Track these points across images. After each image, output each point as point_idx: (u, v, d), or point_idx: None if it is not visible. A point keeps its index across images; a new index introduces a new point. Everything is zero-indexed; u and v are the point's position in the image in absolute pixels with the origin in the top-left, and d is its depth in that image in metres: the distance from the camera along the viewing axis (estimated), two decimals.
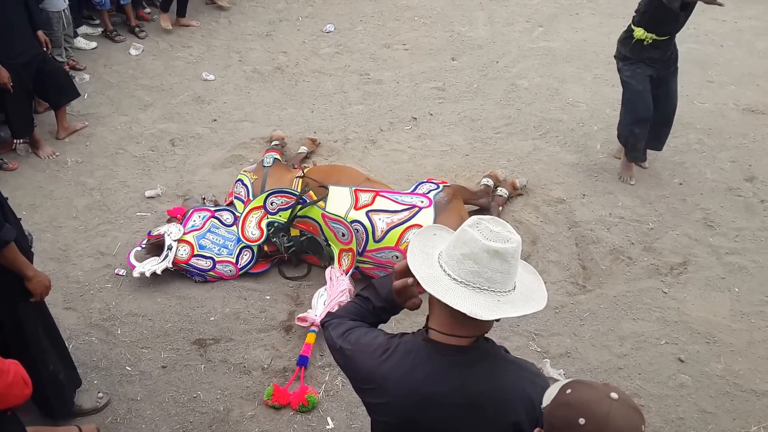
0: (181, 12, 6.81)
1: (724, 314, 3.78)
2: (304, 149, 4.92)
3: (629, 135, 4.51)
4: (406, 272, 1.69)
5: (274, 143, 4.90)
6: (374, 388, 1.69)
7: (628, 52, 4.37)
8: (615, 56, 4.53)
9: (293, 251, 3.97)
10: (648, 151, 4.71)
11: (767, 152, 5.00)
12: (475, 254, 1.53)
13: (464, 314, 1.51)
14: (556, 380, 3.33)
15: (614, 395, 1.37)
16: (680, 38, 6.31)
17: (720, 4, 4.08)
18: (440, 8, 7.24)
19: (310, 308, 3.66)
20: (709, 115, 5.40)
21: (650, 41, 4.27)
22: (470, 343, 1.62)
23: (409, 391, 1.64)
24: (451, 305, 1.52)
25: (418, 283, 1.63)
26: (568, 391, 1.40)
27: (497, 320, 1.58)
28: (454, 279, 1.55)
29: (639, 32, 4.27)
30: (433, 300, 1.61)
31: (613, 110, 5.40)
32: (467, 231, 1.55)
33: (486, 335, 1.68)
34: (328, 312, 2.12)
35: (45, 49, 4.87)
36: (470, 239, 1.54)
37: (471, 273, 1.53)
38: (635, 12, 4.36)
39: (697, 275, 4.01)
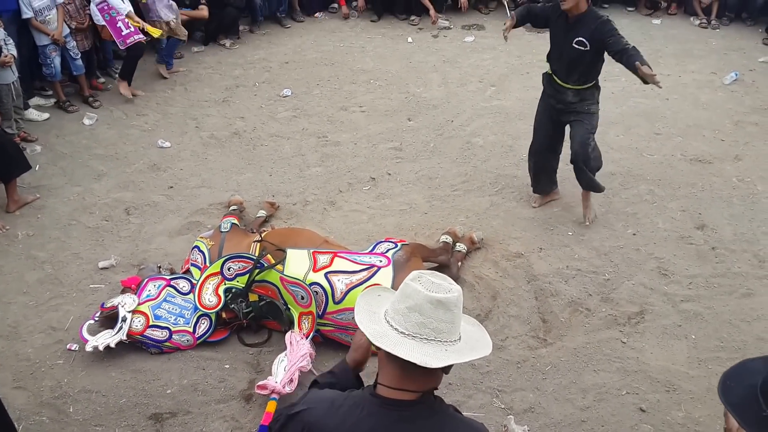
0: (125, 77, 6.84)
1: (682, 362, 3.81)
2: (262, 213, 4.91)
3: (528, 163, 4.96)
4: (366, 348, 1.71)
5: (232, 208, 4.89)
6: None
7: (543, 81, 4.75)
8: None
9: (252, 317, 3.91)
10: (600, 202, 4.84)
11: (715, 200, 5.16)
12: (420, 306, 1.57)
13: (411, 368, 1.55)
14: None
15: None
16: (628, 93, 6.68)
17: (658, 85, 4.15)
18: (395, 71, 7.43)
19: (271, 375, 3.59)
20: (658, 167, 5.58)
21: (550, 74, 4.62)
22: (417, 398, 1.63)
23: None
24: (401, 356, 1.55)
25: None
26: None
27: (446, 373, 1.63)
28: (401, 333, 1.59)
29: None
30: (381, 355, 1.64)
31: (565, 165, 5.54)
32: (410, 284, 1.61)
33: (442, 397, 1.69)
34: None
35: None
36: (413, 292, 1.59)
37: (417, 325, 1.57)
38: None
39: (654, 324, 4.06)
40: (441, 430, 1.63)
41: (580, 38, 4.30)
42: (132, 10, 6.57)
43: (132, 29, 6.46)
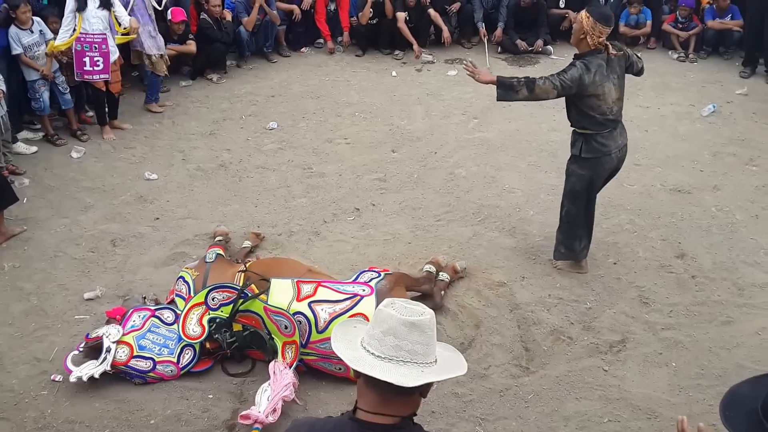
0: (113, 114, 6.92)
1: (663, 389, 3.85)
2: (248, 244, 4.95)
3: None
4: None
5: (217, 239, 4.93)
6: None
7: None
8: None
9: (236, 347, 3.92)
10: None
11: (695, 230, 5.25)
12: (394, 329, 1.62)
13: (390, 392, 1.60)
14: None
15: None
16: None
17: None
18: (379, 104, 7.56)
19: (254, 405, 3.59)
20: (638, 197, 5.68)
21: None
22: (397, 423, 1.66)
23: None
24: (377, 377, 1.59)
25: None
26: None
27: (423, 397, 1.68)
28: (378, 356, 1.63)
29: None
30: (360, 381, 1.68)
31: (547, 195, 5.66)
32: (383, 310, 1.66)
33: (424, 424, 1.72)
34: None
35: None
36: (387, 316, 1.64)
37: (393, 347, 1.62)
38: None
39: (635, 352, 4.11)
40: None
41: None
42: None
43: (98, 68, 6.43)
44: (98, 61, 6.41)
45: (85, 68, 6.40)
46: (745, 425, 1.61)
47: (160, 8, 7.46)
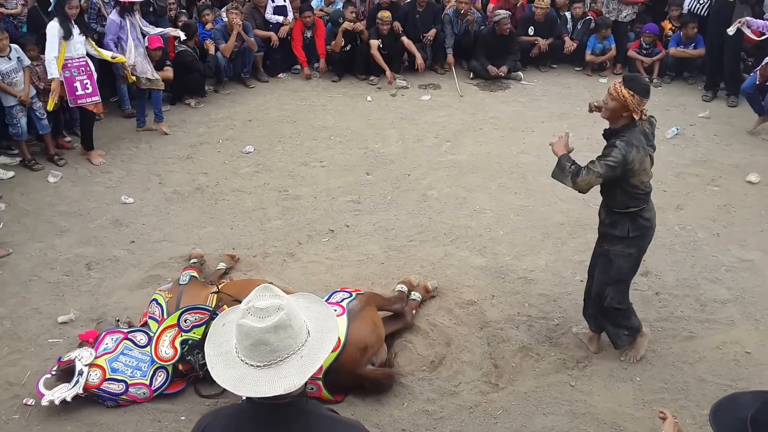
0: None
1: (627, 403, 3.95)
2: (222, 265, 5.01)
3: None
4: None
5: (192, 261, 4.98)
6: None
7: None
8: None
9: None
10: (550, 251, 5.00)
11: (659, 248, 5.38)
12: (262, 339, 1.69)
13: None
14: None
15: None
16: (576, 147, 6.93)
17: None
18: (354, 127, 7.69)
19: None
20: None
21: None
22: (288, 401, 1.75)
23: None
24: (269, 395, 1.67)
25: None
26: None
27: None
28: (257, 366, 1.71)
29: None
30: None
31: (516, 216, 5.80)
32: (242, 324, 1.71)
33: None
34: None
35: None
36: (250, 330, 1.70)
37: (268, 353, 1.70)
38: None
39: (601, 367, 4.21)
40: (310, 428, 1.76)
41: None
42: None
43: (88, 91, 6.55)
44: (87, 84, 6.56)
45: (77, 93, 6.53)
46: (728, 426, 1.67)
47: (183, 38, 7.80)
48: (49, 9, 6.49)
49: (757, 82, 7.19)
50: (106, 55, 6.73)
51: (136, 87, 7.25)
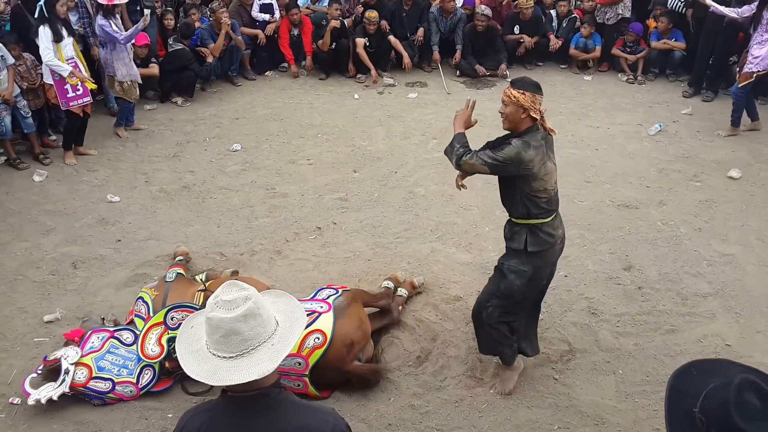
0: (79, 141, 6.95)
1: (610, 396, 4.01)
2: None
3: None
4: None
5: (178, 259, 4.99)
6: None
7: None
8: None
9: None
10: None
11: (641, 243, 5.47)
12: (232, 329, 1.74)
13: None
14: None
15: None
16: (561, 144, 7.00)
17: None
18: (342, 125, 7.72)
19: None
20: (588, 212, 5.90)
21: None
22: (262, 391, 1.80)
23: None
24: (243, 381, 1.72)
25: None
26: None
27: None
28: (230, 357, 1.75)
29: None
30: None
31: (501, 212, 5.78)
32: (211, 317, 1.75)
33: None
34: None
35: None
36: (219, 321, 1.74)
37: (239, 343, 1.74)
38: None
39: (584, 361, 4.27)
40: (284, 416, 1.81)
41: None
42: (73, 70, 6.50)
43: (79, 92, 6.55)
44: (78, 85, 6.53)
45: (68, 96, 6.51)
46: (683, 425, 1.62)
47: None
48: (35, 15, 6.41)
49: (739, 85, 7.16)
50: (67, 68, 6.47)
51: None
